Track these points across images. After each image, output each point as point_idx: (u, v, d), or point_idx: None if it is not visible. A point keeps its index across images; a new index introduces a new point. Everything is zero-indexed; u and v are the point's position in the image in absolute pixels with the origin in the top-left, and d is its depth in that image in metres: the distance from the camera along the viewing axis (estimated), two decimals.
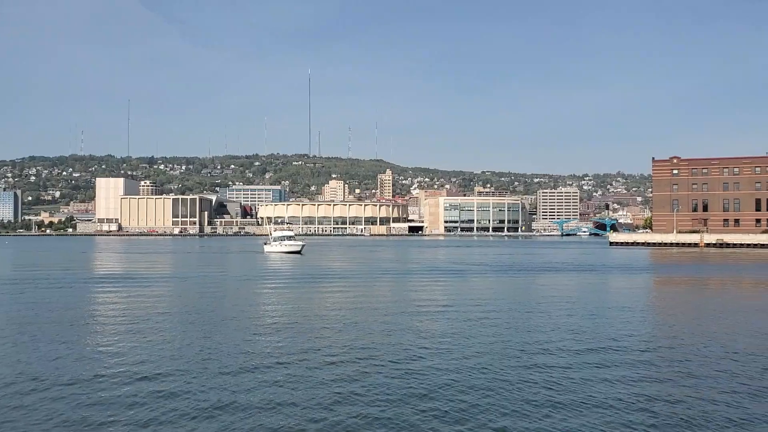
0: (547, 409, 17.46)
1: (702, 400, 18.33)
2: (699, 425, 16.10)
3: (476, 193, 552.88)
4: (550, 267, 79.68)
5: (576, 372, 21.54)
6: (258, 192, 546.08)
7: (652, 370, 21.89)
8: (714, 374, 21.34)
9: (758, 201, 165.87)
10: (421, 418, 16.71)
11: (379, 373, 21.30)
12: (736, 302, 43.04)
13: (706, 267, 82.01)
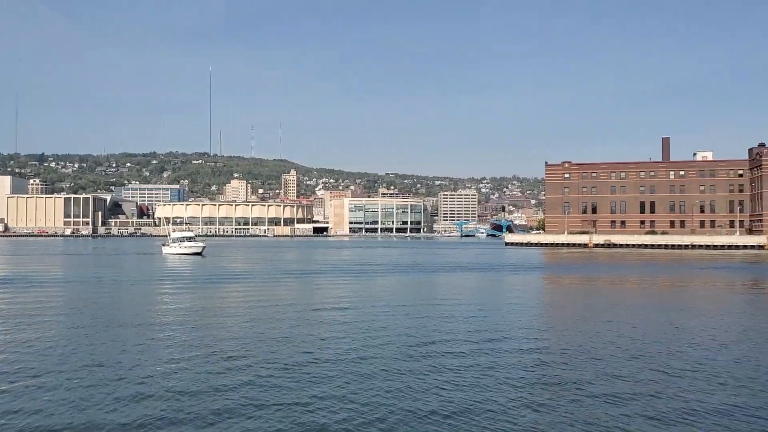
0: (436, 403, 18.39)
1: (586, 392, 19.82)
2: (582, 413, 17.50)
3: (380, 194, 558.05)
4: (450, 266, 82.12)
5: (467, 368, 22.69)
6: (155, 191, 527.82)
7: (540, 362, 23.37)
8: (597, 365, 23.05)
9: (642, 204, 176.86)
10: (310, 417, 17.21)
11: (273, 375, 21.62)
12: (620, 299, 46.11)
13: (593, 266, 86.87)
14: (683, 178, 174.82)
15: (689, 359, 23.91)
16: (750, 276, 69.22)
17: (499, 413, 17.24)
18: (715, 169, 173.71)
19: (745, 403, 18.09)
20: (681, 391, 19.33)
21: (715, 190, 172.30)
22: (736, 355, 24.69)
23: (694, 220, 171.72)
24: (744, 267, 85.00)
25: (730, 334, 29.67)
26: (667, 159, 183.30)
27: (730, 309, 40.01)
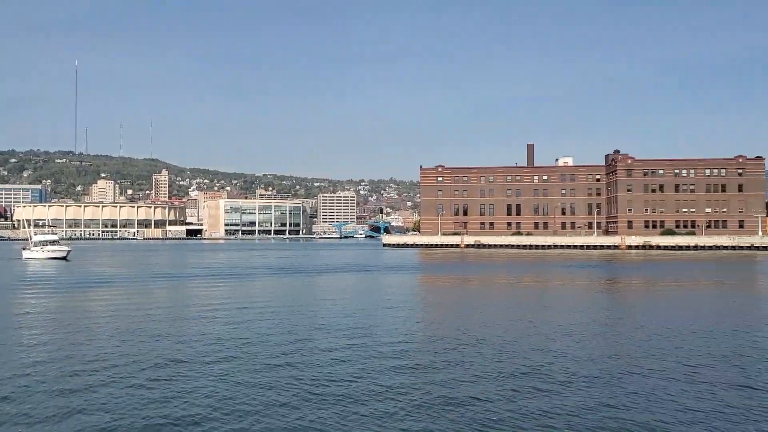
0: (310, 402, 18.88)
1: (454, 390, 20.98)
2: (457, 408, 18.57)
3: (258, 195, 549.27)
4: (330, 268, 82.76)
5: (339, 365, 23.33)
6: (14, 192, 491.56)
7: (413, 359, 24.41)
8: (467, 360, 24.39)
9: (509, 206, 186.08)
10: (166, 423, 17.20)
11: (132, 376, 21.29)
12: (489, 297, 48.58)
13: (465, 266, 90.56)
14: (546, 182, 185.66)
15: (551, 353, 25.81)
16: (606, 274, 74.93)
17: (369, 412, 17.95)
18: (575, 173, 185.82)
19: (592, 396, 19.91)
20: (540, 385, 20.94)
21: (575, 193, 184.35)
22: (591, 349, 26.93)
23: (557, 221, 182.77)
24: (601, 265, 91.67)
25: (587, 328, 32.22)
26: (531, 164, 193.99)
27: (590, 304, 43.27)
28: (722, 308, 40.72)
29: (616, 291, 55.23)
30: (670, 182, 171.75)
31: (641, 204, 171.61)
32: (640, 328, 31.60)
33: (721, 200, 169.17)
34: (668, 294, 50.98)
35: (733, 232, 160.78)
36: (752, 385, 20.33)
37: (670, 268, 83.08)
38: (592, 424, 16.52)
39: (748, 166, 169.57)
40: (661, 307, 41.36)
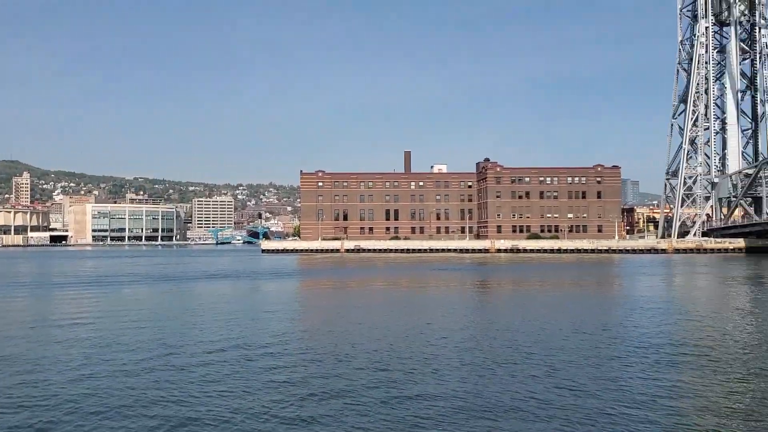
0: (179, 408, 18.92)
1: (330, 392, 21.63)
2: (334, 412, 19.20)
3: (128, 200, 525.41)
4: (205, 275, 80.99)
5: (216, 373, 23.41)
6: None
7: (290, 365, 24.84)
8: (343, 365, 25.12)
9: (388, 211, 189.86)
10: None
11: None
12: (369, 299, 49.70)
13: (345, 270, 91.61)
14: (422, 188, 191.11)
15: (422, 354, 27.08)
16: (477, 276, 78.52)
17: (249, 418, 18.26)
18: (449, 180, 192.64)
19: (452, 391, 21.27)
20: (408, 389, 22.05)
21: (449, 199, 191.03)
22: (461, 349, 28.49)
23: (432, 226, 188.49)
24: (473, 268, 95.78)
25: (459, 328, 33.95)
26: (408, 171, 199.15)
27: (462, 305, 45.38)
28: (582, 308, 44.09)
29: (486, 292, 58.12)
30: (536, 189, 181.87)
31: (509, 210, 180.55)
32: (509, 328, 33.69)
33: (582, 206, 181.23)
34: (534, 294, 54.37)
35: (593, 236, 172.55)
36: (606, 381, 22.44)
37: (536, 270, 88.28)
38: (455, 423, 17.71)
39: (606, 174, 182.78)
40: (528, 307, 44.16)
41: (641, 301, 46.45)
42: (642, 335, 30.62)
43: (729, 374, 22.27)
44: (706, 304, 45.58)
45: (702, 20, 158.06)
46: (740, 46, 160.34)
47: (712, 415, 17.44)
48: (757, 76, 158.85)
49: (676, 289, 60.90)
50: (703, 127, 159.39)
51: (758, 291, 56.57)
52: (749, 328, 33.37)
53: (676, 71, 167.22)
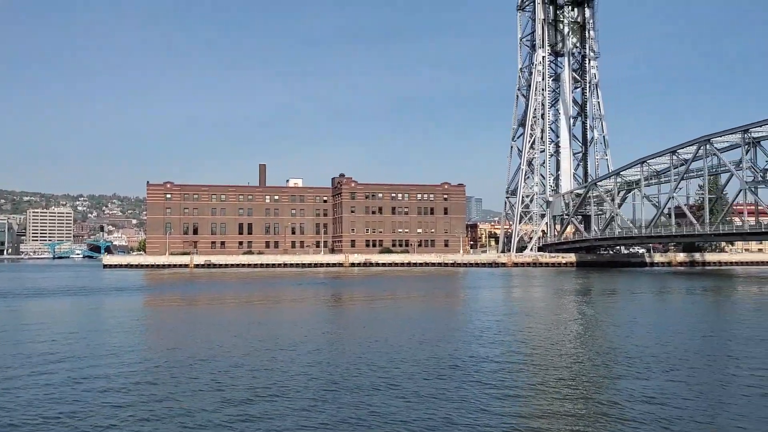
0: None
1: (171, 410, 21.44)
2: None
3: None
4: (40, 292, 75.60)
5: (50, 393, 22.43)
6: None
7: (127, 384, 24.25)
8: (189, 383, 24.86)
9: (241, 225, 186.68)
10: None
11: None
12: (217, 316, 48.94)
13: (193, 286, 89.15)
14: (277, 202, 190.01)
15: (271, 370, 27.40)
16: (331, 290, 79.53)
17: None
18: (305, 195, 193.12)
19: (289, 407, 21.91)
20: (250, 407, 22.39)
21: (304, 214, 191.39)
22: (309, 364, 29.12)
23: (287, 241, 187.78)
24: (327, 282, 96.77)
25: (311, 342, 34.54)
26: (263, 184, 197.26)
27: (315, 319, 45.99)
28: (429, 320, 46.28)
29: (339, 306, 59.20)
30: (388, 205, 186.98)
31: (363, 225, 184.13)
32: (358, 342, 34.80)
33: (431, 222, 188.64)
34: (384, 307, 56.16)
35: (440, 250, 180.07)
36: (445, 390, 24.01)
37: (388, 284, 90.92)
38: None
39: (452, 192, 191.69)
40: (378, 320, 45.65)
41: (482, 313, 49.54)
42: (480, 345, 32.89)
43: (555, 378, 24.65)
44: (539, 315, 49.50)
45: (539, 50, 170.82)
46: (573, 76, 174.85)
47: (540, 418, 19.36)
48: (587, 104, 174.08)
49: (513, 301, 65.30)
50: (540, 150, 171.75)
51: (585, 302, 62.10)
52: (575, 336, 36.82)
53: (516, 97, 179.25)
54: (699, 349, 31.51)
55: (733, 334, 37.68)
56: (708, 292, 73.65)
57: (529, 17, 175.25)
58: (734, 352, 30.55)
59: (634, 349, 31.24)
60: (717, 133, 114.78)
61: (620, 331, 38.93)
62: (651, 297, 68.02)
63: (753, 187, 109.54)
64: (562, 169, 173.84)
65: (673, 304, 60.62)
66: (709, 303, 61.94)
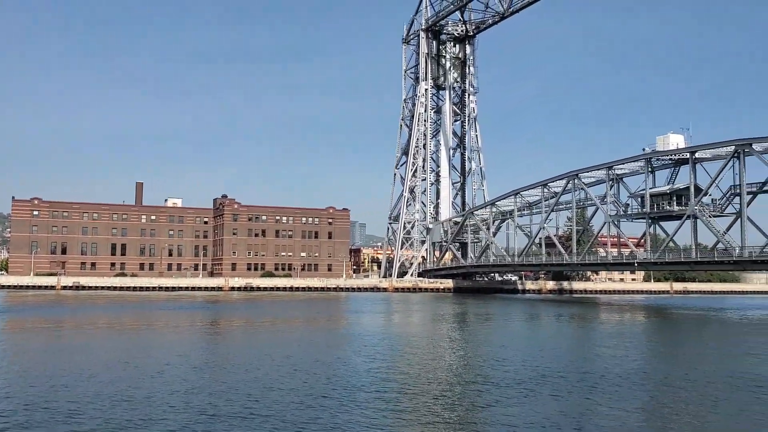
0: None
1: None
2: None
3: None
4: None
5: None
6: None
7: None
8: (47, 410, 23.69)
9: (114, 246, 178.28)
10: None
11: None
12: (82, 341, 46.57)
13: (58, 309, 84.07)
14: (154, 222, 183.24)
15: (138, 396, 26.63)
16: (209, 315, 77.56)
17: None
18: (184, 215, 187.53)
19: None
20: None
21: (183, 235, 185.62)
22: (178, 392, 28.52)
23: (163, 263, 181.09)
24: (205, 306, 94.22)
25: (180, 368, 33.73)
26: (140, 203, 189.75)
27: (187, 345, 44.82)
28: (308, 345, 46.34)
29: (216, 331, 57.97)
30: (272, 228, 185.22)
31: (245, 247, 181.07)
32: (232, 367, 34.39)
33: (315, 246, 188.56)
34: (264, 333, 55.62)
35: (323, 274, 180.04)
36: (319, 416, 24.32)
37: (269, 308, 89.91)
38: None
39: (337, 216, 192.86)
40: (256, 345, 45.19)
41: (361, 338, 50.24)
42: (356, 372, 33.47)
43: (427, 405, 25.60)
44: (417, 340, 50.85)
45: (422, 83, 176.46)
46: (453, 109, 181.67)
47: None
48: (466, 136, 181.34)
49: (392, 327, 66.55)
50: (421, 178, 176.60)
51: (461, 328, 64.37)
52: (451, 362, 38.22)
53: (400, 126, 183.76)
54: (565, 371, 33.66)
55: (596, 357, 40.50)
56: (574, 319, 78.35)
57: (414, 51, 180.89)
58: (597, 374, 32.89)
59: (507, 374, 32.91)
60: (584, 169, 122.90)
61: (493, 356, 40.80)
62: (523, 323, 71.55)
63: (616, 220, 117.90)
64: (441, 197, 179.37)
65: (543, 330, 64.11)
66: (576, 329, 65.99)
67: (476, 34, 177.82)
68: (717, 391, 28.93)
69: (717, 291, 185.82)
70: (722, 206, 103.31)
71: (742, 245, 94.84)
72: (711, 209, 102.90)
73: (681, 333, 64.99)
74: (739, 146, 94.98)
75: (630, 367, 35.79)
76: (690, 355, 44.64)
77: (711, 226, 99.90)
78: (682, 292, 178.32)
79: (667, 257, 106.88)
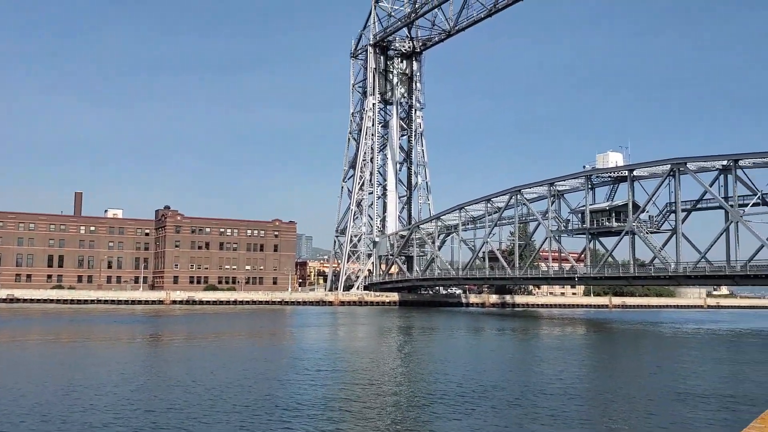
0: None
1: None
2: None
3: None
4: None
5: None
6: None
7: None
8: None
9: (51, 257, 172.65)
10: None
11: None
12: (13, 355, 44.96)
13: None
14: (94, 233, 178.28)
15: (72, 416, 25.93)
16: (149, 328, 75.85)
17: None
18: (125, 227, 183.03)
19: None
20: None
21: (123, 247, 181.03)
22: (114, 406, 27.89)
23: (102, 275, 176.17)
24: (145, 320, 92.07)
25: (120, 383, 32.95)
26: (78, 214, 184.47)
27: (127, 359, 43.74)
28: (251, 360, 45.83)
29: (156, 345, 56.75)
30: (216, 240, 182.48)
31: (188, 260, 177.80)
32: (171, 383, 33.76)
33: (260, 259, 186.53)
34: (206, 347, 54.73)
35: (268, 288, 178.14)
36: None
37: (211, 322, 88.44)
38: None
39: (283, 229, 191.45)
40: (196, 360, 44.43)
41: (306, 352, 49.99)
42: (300, 387, 33.31)
43: (371, 417, 25.68)
44: (362, 354, 50.86)
45: (370, 97, 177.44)
46: (400, 124, 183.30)
47: None
48: (412, 151, 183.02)
49: (338, 340, 66.41)
50: (368, 192, 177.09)
51: (406, 341, 64.70)
52: (395, 375, 38.41)
53: (348, 140, 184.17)
54: (507, 385, 34.24)
55: (536, 371, 41.32)
56: (516, 332, 79.68)
57: (362, 65, 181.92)
58: (537, 387, 33.57)
59: (450, 388, 33.28)
60: (527, 185, 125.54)
61: (436, 370, 41.19)
62: (466, 336, 72.37)
63: (557, 235, 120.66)
64: (388, 211, 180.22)
65: (486, 344, 65.00)
66: (517, 343, 67.13)
67: (423, 50, 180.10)
68: (651, 404, 29.93)
69: (654, 305, 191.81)
70: (659, 223, 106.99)
71: (677, 261, 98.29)
72: (648, 226, 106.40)
73: (618, 347, 66.91)
74: (674, 165, 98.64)
75: (569, 381, 36.65)
76: (626, 369, 46.00)
77: (648, 242, 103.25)
78: (621, 307, 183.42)
79: (606, 272, 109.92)
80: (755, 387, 36.22)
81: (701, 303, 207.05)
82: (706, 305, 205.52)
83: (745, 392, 33.81)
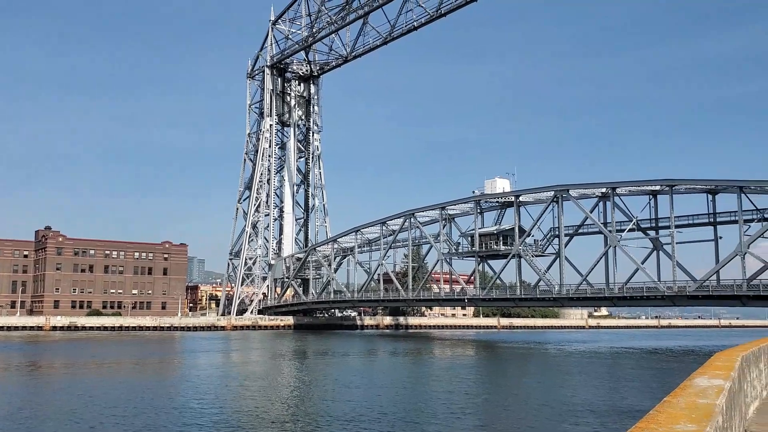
0: None
1: None
2: None
3: None
4: None
5: None
6: None
7: None
8: None
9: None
10: None
11: None
12: None
13: None
14: None
15: None
16: (26, 357, 71.30)
17: None
18: (1, 248, 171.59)
19: None
20: None
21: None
22: None
23: None
24: (21, 347, 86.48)
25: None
26: None
27: (5, 388, 41.09)
28: (135, 389, 44.19)
29: (31, 374, 53.52)
30: (101, 263, 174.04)
31: (70, 284, 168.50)
32: (51, 415, 32.13)
33: (148, 283, 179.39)
34: (87, 376, 52.18)
35: (157, 313, 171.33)
36: None
37: (94, 349, 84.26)
38: None
39: (173, 251, 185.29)
40: (78, 390, 42.35)
41: (194, 380, 48.72)
42: (187, 415, 32.53)
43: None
44: (253, 380, 50.14)
45: (267, 118, 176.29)
46: (298, 146, 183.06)
47: None
48: (310, 173, 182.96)
49: (229, 366, 65.07)
50: (264, 213, 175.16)
51: (299, 365, 64.33)
52: (286, 401, 38.18)
53: (244, 160, 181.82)
54: (399, 406, 34.85)
55: (428, 392, 42.26)
56: (409, 354, 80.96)
57: (259, 86, 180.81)
58: (428, 407, 34.38)
59: (342, 411, 33.50)
60: (420, 209, 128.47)
61: (328, 394, 41.30)
62: (359, 358, 72.80)
63: (448, 258, 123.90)
64: (285, 233, 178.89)
65: (379, 365, 65.67)
66: (410, 364, 68.25)
67: (321, 74, 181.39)
68: (536, 419, 31.40)
69: (539, 326, 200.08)
70: (543, 246, 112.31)
71: (560, 283, 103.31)
72: (533, 249, 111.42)
73: (506, 366, 69.42)
74: (557, 192, 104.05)
75: (458, 401, 37.79)
76: (513, 387, 47.90)
77: (533, 265, 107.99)
78: (509, 327, 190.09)
79: (494, 294, 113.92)
80: (630, 401, 38.76)
81: (583, 323, 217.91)
82: (587, 326, 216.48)
83: (621, 406, 36.15)
